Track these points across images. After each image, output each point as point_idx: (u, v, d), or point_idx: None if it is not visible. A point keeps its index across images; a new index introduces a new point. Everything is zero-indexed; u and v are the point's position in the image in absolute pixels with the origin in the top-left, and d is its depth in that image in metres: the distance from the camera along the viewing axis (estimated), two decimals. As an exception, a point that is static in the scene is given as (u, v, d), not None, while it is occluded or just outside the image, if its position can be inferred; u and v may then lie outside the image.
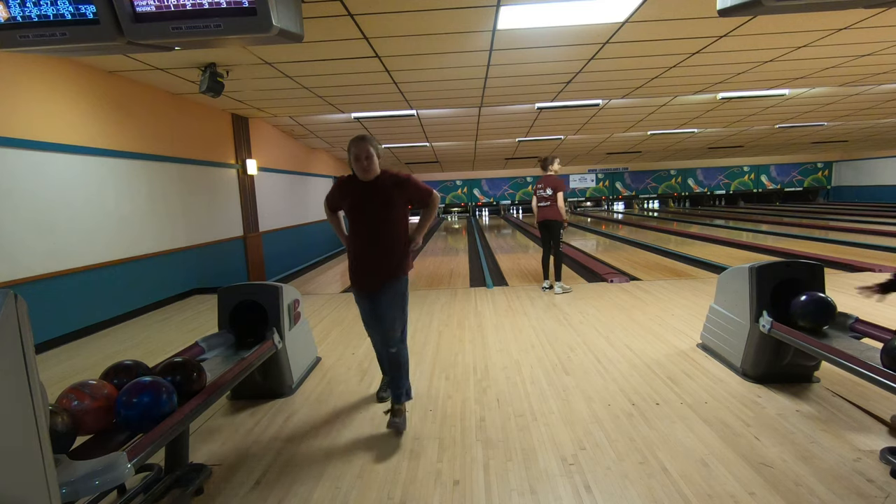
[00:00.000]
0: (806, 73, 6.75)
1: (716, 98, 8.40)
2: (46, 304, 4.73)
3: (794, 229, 12.50)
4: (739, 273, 3.38)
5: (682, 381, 3.30)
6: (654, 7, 4.13)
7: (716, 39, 5.06)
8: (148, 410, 1.95)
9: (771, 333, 3.04)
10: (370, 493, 2.23)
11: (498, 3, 3.96)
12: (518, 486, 2.23)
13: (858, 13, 4.45)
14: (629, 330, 4.47)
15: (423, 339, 4.47)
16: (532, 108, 8.61)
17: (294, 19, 2.55)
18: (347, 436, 2.77)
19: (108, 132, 5.57)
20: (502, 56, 5.34)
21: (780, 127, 12.29)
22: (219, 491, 2.30)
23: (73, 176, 5.11)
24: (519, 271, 8.21)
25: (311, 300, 6.30)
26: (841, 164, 22.78)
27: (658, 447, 2.50)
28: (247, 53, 4.90)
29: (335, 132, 10.45)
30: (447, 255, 11.13)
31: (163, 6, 2.37)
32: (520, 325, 4.77)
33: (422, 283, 7.52)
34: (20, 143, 4.52)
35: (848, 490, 2.10)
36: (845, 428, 2.62)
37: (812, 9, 2.24)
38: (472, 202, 25.10)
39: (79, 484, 1.57)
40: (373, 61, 5.30)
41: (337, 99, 7.13)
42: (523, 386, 3.34)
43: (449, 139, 12.04)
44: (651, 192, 24.86)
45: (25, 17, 2.40)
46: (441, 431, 2.76)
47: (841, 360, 2.53)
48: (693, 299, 5.45)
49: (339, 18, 4.08)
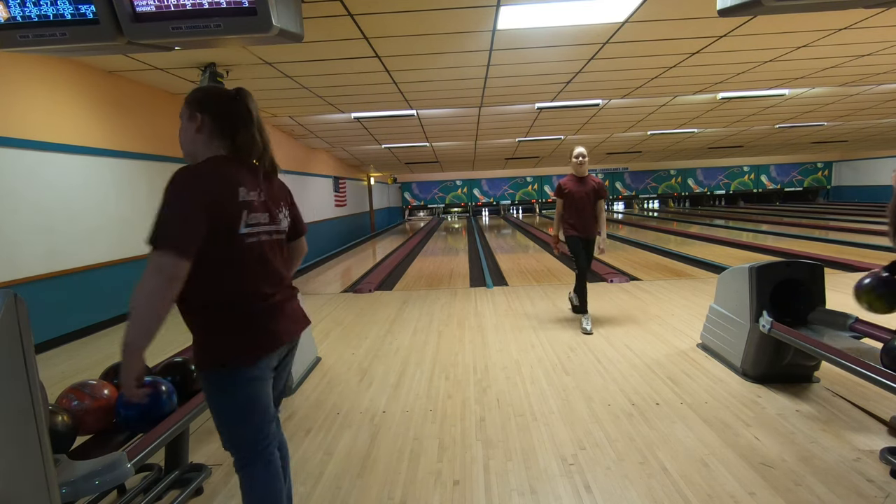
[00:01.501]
0: (806, 73, 6.75)
1: (716, 98, 8.39)
2: (46, 304, 4.73)
3: (794, 229, 12.49)
4: (739, 273, 3.37)
5: (682, 381, 3.30)
6: (653, 7, 4.12)
7: (716, 39, 5.06)
8: (148, 410, 1.95)
9: (771, 333, 3.04)
10: (370, 493, 2.23)
11: (498, 3, 3.96)
12: (518, 486, 2.23)
13: (858, 13, 4.45)
14: (629, 330, 4.47)
15: (423, 339, 4.47)
16: (532, 108, 8.60)
17: (294, 19, 2.55)
18: (347, 436, 2.77)
19: (108, 132, 5.57)
20: (502, 56, 5.33)
21: (780, 127, 12.28)
22: (219, 491, 2.30)
23: (73, 176, 5.10)
24: (519, 271, 8.21)
25: (311, 300, 6.30)
26: (841, 164, 22.78)
27: (658, 447, 2.50)
28: (247, 53, 4.90)
29: (335, 132, 10.44)
30: (447, 255, 11.13)
31: (163, 6, 2.37)
32: (520, 325, 4.77)
33: (422, 284, 7.52)
34: (20, 143, 4.52)
35: (848, 490, 2.10)
36: (845, 428, 2.62)
37: (812, 9, 2.24)
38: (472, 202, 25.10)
39: (79, 484, 1.57)
40: (373, 61, 5.29)
41: (337, 99, 7.13)
42: (523, 386, 3.34)
43: (449, 139, 12.03)
44: (651, 192, 24.88)
45: (25, 17, 2.40)
46: (441, 431, 2.76)
47: (841, 360, 2.52)
48: (693, 299, 5.45)
49: (339, 18, 4.07)
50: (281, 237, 1.73)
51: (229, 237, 1.52)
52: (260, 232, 1.60)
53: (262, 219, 1.62)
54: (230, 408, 1.59)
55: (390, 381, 3.54)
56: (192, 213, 1.44)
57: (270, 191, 1.69)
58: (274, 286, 1.65)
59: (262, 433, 1.64)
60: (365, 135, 10.72)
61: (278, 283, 1.67)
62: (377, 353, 4.14)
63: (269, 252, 1.64)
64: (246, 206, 1.55)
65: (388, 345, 4.37)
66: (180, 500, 2.06)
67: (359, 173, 17.71)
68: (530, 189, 24.94)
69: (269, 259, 1.64)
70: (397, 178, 23.37)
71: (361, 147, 12.72)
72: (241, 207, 1.54)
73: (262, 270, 1.61)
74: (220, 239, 1.49)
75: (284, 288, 1.70)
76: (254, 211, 1.58)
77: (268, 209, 1.64)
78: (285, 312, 1.68)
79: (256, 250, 1.59)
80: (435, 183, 24.92)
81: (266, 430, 1.65)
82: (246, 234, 1.55)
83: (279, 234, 1.71)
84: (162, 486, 2.07)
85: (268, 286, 1.62)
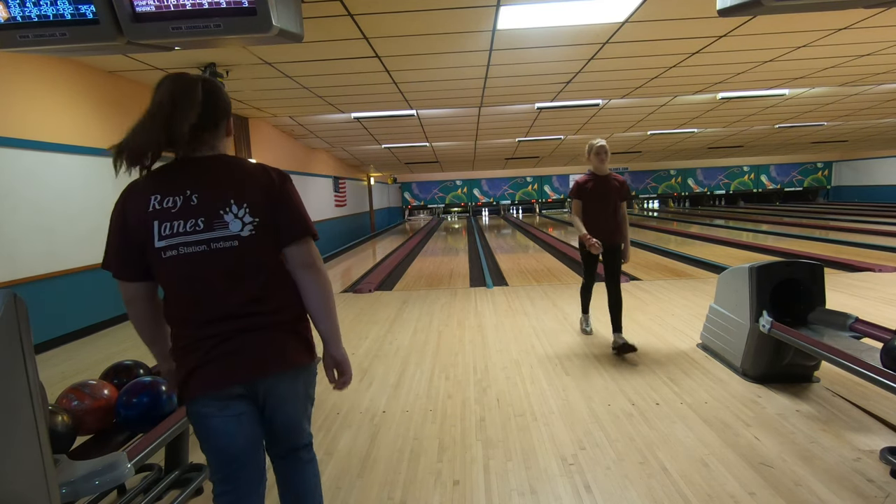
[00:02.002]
0: (806, 73, 6.75)
1: (716, 98, 8.40)
2: (46, 305, 4.73)
3: (794, 229, 12.49)
4: (739, 273, 3.37)
5: (682, 381, 3.30)
6: (653, 7, 4.12)
7: (715, 39, 5.06)
8: (148, 410, 1.95)
9: (771, 333, 3.04)
10: (370, 493, 2.23)
11: (498, 3, 3.96)
12: (518, 486, 2.23)
13: (858, 13, 4.45)
14: (629, 330, 4.46)
15: (423, 339, 4.47)
16: (532, 108, 8.61)
17: (294, 19, 2.55)
18: (347, 436, 2.77)
19: (108, 132, 5.57)
20: (502, 56, 5.34)
21: (780, 127, 12.29)
22: (219, 491, 2.29)
23: (73, 176, 5.10)
24: (519, 271, 8.21)
25: (311, 300, 6.30)
26: (841, 164, 22.78)
27: (658, 447, 2.49)
28: (247, 53, 4.90)
29: (335, 132, 10.45)
30: (447, 255, 11.13)
31: (162, 6, 2.37)
32: (520, 325, 4.76)
33: (422, 283, 7.52)
34: (20, 143, 4.52)
35: (848, 490, 2.09)
36: (845, 428, 2.61)
37: (812, 9, 2.24)
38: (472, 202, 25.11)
39: (79, 484, 1.57)
40: (373, 61, 5.29)
41: (337, 99, 7.13)
42: (523, 386, 3.34)
43: (449, 139, 12.04)
44: (651, 192, 24.88)
45: (25, 17, 2.40)
46: (441, 431, 2.76)
47: (841, 360, 2.52)
48: (693, 299, 5.45)
49: (339, 18, 4.07)
50: (229, 245, 1.32)
51: (148, 253, 1.32)
52: (180, 244, 1.30)
53: (182, 227, 1.30)
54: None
55: (390, 381, 3.54)
56: (113, 237, 1.37)
57: (209, 189, 1.34)
58: (210, 311, 1.33)
59: (219, 476, 1.40)
60: (365, 135, 10.73)
61: (218, 307, 1.33)
62: (377, 353, 4.14)
63: (201, 269, 1.31)
64: (156, 215, 1.31)
65: (388, 345, 4.37)
66: (180, 500, 2.06)
67: (359, 173, 17.71)
68: (530, 189, 24.95)
69: (202, 277, 1.32)
70: (397, 178, 23.37)
71: (361, 147, 12.72)
72: (150, 218, 1.31)
73: (190, 291, 1.33)
74: (146, 257, 1.33)
75: (232, 318, 1.34)
76: (169, 220, 1.30)
77: (199, 213, 1.31)
78: (227, 349, 1.33)
79: (181, 267, 1.31)
80: (435, 183, 24.92)
81: (223, 474, 1.39)
82: (162, 247, 1.30)
83: (225, 241, 1.32)
84: (162, 486, 2.07)
85: (197, 311, 1.33)
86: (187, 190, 1.33)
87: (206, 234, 1.30)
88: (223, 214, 1.32)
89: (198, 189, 1.33)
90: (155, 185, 1.34)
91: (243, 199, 1.34)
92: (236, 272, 1.34)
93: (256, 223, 1.34)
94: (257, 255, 1.36)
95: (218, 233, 1.31)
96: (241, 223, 1.33)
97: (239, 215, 1.33)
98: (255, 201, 1.35)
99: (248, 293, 1.35)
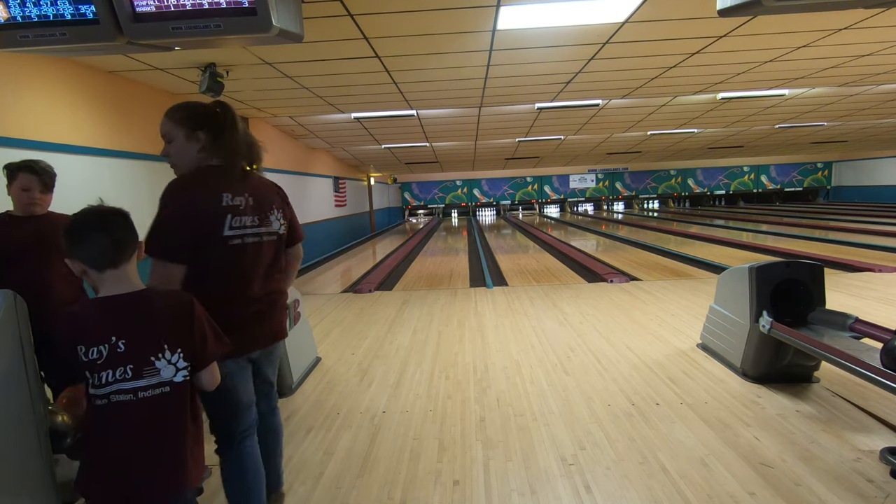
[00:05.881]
0: (806, 74, 6.75)
1: (716, 98, 8.39)
2: (46, 304, 4.73)
3: (794, 229, 12.50)
4: (739, 273, 3.37)
5: (682, 381, 3.30)
6: (654, 7, 4.12)
7: (716, 39, 5.06)
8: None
9: (771, 333, 3.04)
10: (370, 493, 2.23)
11: (498, 4, 3.96)
12: (518, 486, 2.23)
13: (858, 13, 4.45)
14: (629, 330, 4.47)
15: (423, 339, 4.47)
16: (532, 109, 8.60)
17: (294, 19, 2.55)
18: (347, 435, 2.77)
19: (108, 132, 5.57)
20: (502, 56, 5.33)
21: (780, 127, 12.28)
22: (219, 491, 2.29)
23: (73, 176, 5.10)
24: (519, 271, 8.21)
25: (311, 300, 6.30)
26: (841, 164, 22.79)
27: (658, 447, 2.50)
28: (247, 53, 4.90)
29: (335, 132, 10.44)
30: (447, 255, 11.13)
31: (163, 6, 2.37)
32: (520, 325, 4.76)
33: (422, 284, 7.52)
34: (19, 143, 4.52)
35: (848, 490, 2.10)
36: (845, 428, 2.62)
37: (812, 9, 2.24)
38: (472, 202, 25.12)
39: (79, 484, 1.57)
40: (373, 61, 5.29)
41: (337, 99, 7.13)
42: (523, 386, 3.34)
43: (449, 139, 12.03)
44: (651, 192, 24.89)
45: (25, 17, 2.40)
46: (441, 431, 2.76)
47: (841, 360, 2.52)
48: (693, 299, 5.45)
49: (339, 18, 4.07)
50: (272, 238, 1.83)
51: (211, 240, 1.66)
52: (245, 234, 1.73)
53: (248, 221, 1.74)
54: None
55: (390, 381, 3.54)
56: (178, 222, 1.61)
57: (258, 194, 1.80)
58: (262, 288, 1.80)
59: (237, 421, 1.85)
60: (365, 135, 10.73)
61: (261, 287, 1.80)
62: (377, 353, 4.14)
63: (257, 254, 1.77)
64: (230, 210, 1.69)
65: (388, 345, 4.37)
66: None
67: (359, 173, 17.71)
68: (530, 189, 24.95)
69: (256, 262, 1.77)
70: (397, 178, 23.37)
71: (361, 147, 12.72)
72: (225, 212, 1.68)
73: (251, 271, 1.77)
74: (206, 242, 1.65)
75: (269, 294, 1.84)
76: (238, 214, 1.70)
77: (256, 212, 1.77)
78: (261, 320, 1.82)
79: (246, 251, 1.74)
80: (435, 183, 24.93)
81: (243, 418, 1.85)
82: (230, 236, 1.69)
83: (270, 235, 1.82)
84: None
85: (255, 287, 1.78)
86: (245, 192, 1.76)
87: (262, 229, 1.78)
88: (269, 214, 1.82)
89: (254, 195, 1.78)
90: (224, 185, 1.71)
91: (280, 207, 1.88)
92: (275, 260, 1.86)
93: (282, 224, 1.88)
94: (282, 248, 1.91)
95: (266, 228, 1.80)
96: (279, 223, 1.86)
97: (278, 217, 1.86)
98: (283, 210, 1.90)
99: (277, 277, 1.89)
